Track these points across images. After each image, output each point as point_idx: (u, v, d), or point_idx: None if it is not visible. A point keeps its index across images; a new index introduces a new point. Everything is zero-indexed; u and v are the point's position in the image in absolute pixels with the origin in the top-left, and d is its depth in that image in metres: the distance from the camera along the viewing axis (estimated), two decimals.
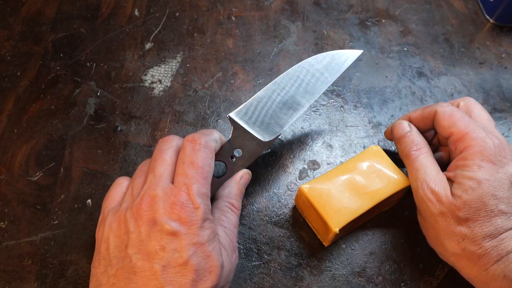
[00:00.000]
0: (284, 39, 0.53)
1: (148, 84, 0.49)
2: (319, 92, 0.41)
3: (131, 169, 0.43)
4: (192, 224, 0.29)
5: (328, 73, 0.41)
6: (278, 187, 0.42)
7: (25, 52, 0.51)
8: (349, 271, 0.38)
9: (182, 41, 0.53)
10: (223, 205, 0.35)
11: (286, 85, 0.41)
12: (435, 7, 0.57)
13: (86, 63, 0.50)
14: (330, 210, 0.36)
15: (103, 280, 0.29)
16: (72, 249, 0.38)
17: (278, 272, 0.38)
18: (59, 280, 0.37)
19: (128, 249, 0.29)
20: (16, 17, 0.54)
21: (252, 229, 0.40)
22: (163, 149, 0.33)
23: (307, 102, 0.40)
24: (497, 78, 0.51)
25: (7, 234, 0.39)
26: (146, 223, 0.29)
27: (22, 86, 0.48)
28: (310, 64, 0.41)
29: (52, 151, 0.44)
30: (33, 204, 0.40)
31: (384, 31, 0.55)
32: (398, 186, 0.38)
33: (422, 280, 0.38)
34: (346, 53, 0.42)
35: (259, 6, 0.56)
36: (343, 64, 0.42)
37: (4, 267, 0.37)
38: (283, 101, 0.40)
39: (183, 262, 0.28)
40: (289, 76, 0.41)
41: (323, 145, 0.45)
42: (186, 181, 0.30)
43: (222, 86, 0.49)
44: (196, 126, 0.46)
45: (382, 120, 0.47)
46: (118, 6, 0.55)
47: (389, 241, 0.39)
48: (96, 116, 0.46)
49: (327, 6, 0.57)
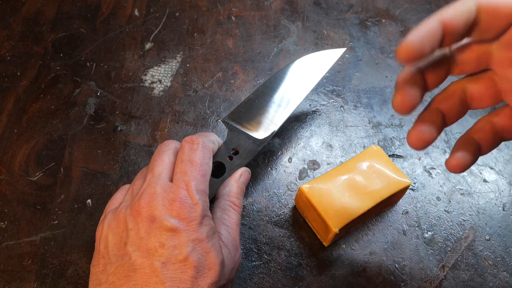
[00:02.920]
0: (284, 39, 0.53)
1: (148, 84, 0.49)
2: (307, 90, 0.43)
3: (131, 169, 0.43)
4: (191, 220, 0.29)
5: (314, 71, 0.44)
6: (278, 187, 0.42)
7: (25, 52, 0.51)
8: (349, 271, 0.38)
9: (182, 41, 0.53)
10: (224, 203, 0.35)
11: (275, 86, 0.42)
12: (435, 7, 0.57)
13: (86, 63, 0.50)
14: (330, 210, 0.36)
15: (102, 278, 0.29)
16: (72, 249, 0.38)
17: (278, 272, 0.38)
18: (59, 280, 0.37)
19: (127, 246, 0.29)
20: (16, 17, 0.54)
21: (252, 229, 0.40)
22: (161, 151, 0.34)
23: (297, 100, 0.42)
24: None
25: (7, 234, 0.39)
26: (145, 220, 0.29)
27: (22, 86, 0.48)
28: (297, 64, 0.44)
29: (52, 151, 0.44)
30: (33, 204, 0.40)
31: (384, 31, 0.55)
32: (398, 186, 0.38)
33: (422, 280, 0.38)
34: (330, 52, 0.45)
35: (259, 6, 0.56)
36: (328, 62, 0.44)
37: (4, 267, 0.37)
38: (274, 101, 0.42)
39: (183, 258, 0.28)
40: (278, 77, 0.43)
41: (323, 145, 0.45)
42: (185, 178, 0.31)
43: (222, 86, 0.49)
44: (196, 126, 0.46)
45: (382, 120, 0.47)
46: (118, 6, 0.55)
47: (389, 241, 0.39)
48: (96, 116, 0.46)
49: (327, 6, 0.57)
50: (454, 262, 0.39)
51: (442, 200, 0.42)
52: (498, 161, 0.44)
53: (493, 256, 0.39)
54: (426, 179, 0.43)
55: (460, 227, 0.40)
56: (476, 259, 0.39)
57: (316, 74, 0.44)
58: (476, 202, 0.42)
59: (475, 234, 0.40)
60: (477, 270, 0.38)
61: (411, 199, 0.42)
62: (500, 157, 0.45)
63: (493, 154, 0.45)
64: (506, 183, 0.43)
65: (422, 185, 0.43)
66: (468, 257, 0.39)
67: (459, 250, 0.39)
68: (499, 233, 0.40)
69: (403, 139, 0.46)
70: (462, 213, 0.41)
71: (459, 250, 0.39)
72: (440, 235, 0.40)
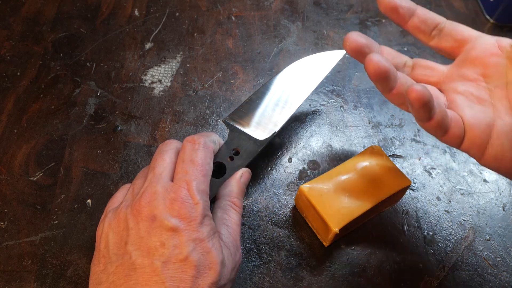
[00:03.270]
0: (284, 39, 0.53)
1: (148, 84, 0.49)
2: (308, 91, 0.43)
3: (131, 169, 0.43)
4: (192, 220, 0.29)
5: (315, 73, 0.44)
6: (278, 187, 0.42)
7: (25, 52, 0.51)
8: (349, 271, 0.38)
9: (182, 41, 0.53)
10: (225, 204, 0.35)
11: (276, 87, 0.43)
12: (435, 7, 0.57)
13: (86, 63, 0.50)
14: (330, 210, 0.36)
15: (102, 278, 0.29)
16: (72, 249, 0.38)
17: (278, 272, 0.38)
18: (59, 280, 0.37)
19: (128, 246, 0.29)
20: (16, 17, 0.54)
21: (252, 229, 0.40)
22: (162, 150, 0.33)
23: (298, 101, 0.42)
24: None
25: (7, 234, 0.39)
26: (145, 219, 0.29)
27: (22, 86, 0.48)
28: (298, 66, 0.44)
29: (52, 151, 0.44)
30: (33, 204, 0.40)
31: (384, 31, 0.55)
32: (398, 186, 0.38)
33: (422, 280, 0.38)
34: (331, 54, 0.45)
35: (259, 6, 0.57)
36: (329, 64, 0.44)
37: (4, 267, 0.37)
38: (275, 102, 0.42)
39: (183, 258, 0.28)
40: (279, 79, 0.43)
41: (323, 145, 0.45)
42: (186, 178, 0.31)
43: (222, 86, 0.49)
44: (196, 126, 0.46)
45: (382, 120, 0.47)
46: (118, 6, 0.55)
47: (389, 241, 0.39)
48: (96, 116, 0.46)
49: (327, 6, 0.57)
50: (454, 262, 0.39)
51: (442, 200, 0.42)
52: None
53: (493, 256, 0.39)
54: (426, 179, 0.43)
55: (460, 227, 0.40)
56: (476, 259, 0.39)
57: (317, 75, 0.44)
58: (476, 202, 0.42)
59: (475, 234, 0.40)
60: (477, 270, 0.38)
61: (411, 199, 0.42)
62: None
63: None
64: (506, 183, 0.43)
65: (422, 185, 0.43)
66: (468, 257, 0.39)
67: (459, 250, 0.39)
68: (499, 233, 0.40)
69: (403, 139, 0.46)
70: (462, 213, 0.41)
71: (459, 250, 0.39)
72: (440, 235, 0.40)
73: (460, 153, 0.45)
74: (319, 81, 0.43)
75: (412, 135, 0.46)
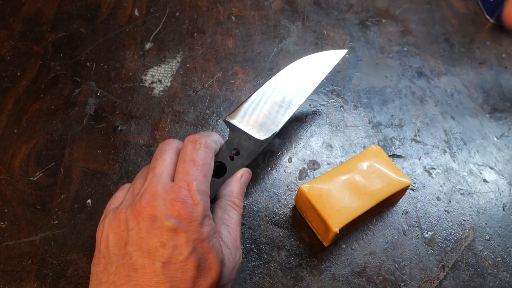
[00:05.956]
0: (284, 39, 0.53)
1: (148, 84, 0.49)
2: (309, 91, 0.43)
3: (131, 169, 0.43)
4: (192, 220, 0.29)
5: (316, 73, 0.44)
6: (278, 187, 0.42)
7: (25, 52, 0.51)
8: (349, 271, 0.38)
9: (182, 41, 0.53)
10: (225, 203, 0.35)
11: (277, 87, 0.42)
12: (435, 7, 0.57)
13: (86, 63, 0.50)
14: (330, 210, 0.36)
15: (103, 278, 0.29)
16: (72, 249, 0.38)
17: (278, 272, 0.38)
18: (59, 280, 0.37)
19: (128, 246, 0.29)
20: (16, 17, 0.54)
21: (252, 229, 0.40)
22: (163, 150, 0.33)
23: (299, 101, 0.42)
24: (497, 78, 0.51)
25: (7, 234, 0.39)
26: (146, 219, 0.29)
27: (22, 86, 0.48)
28: (299, 65, 0.44)
29: (52, 151, 0.44)
30: (33, 204, 0.40)
31: (384, 31, 0.55)
32: (398, 186, 0.38)
33: (422, 280, 0.38)
34: (332, 53, 0.45)
35: (259, 6, 0.57)
36: (329, 63, 0.44)
37: (4, 267, 0.37)
38: (275, 101, 0.42)
39: (183, 258, 0.28)
40: (280, 78, 0.43)
41: (323, 145, 0.45)
42: (187, 178, 0.30)
43: (222, 86, 0.49)
44: (196, 126, 0.46)
45: (382, 120, 0.47)
46: (118, 6, 0.55)
47: (389, 241, 0.39)
48: (96, 116, 0.46)
49: (327, 6, 0.57)
50: (454, 262, 0.39)
51: (442, 200, 0.42)
52: (498, 161, 0.44)
53: (493, 256, 0.39)
54: (426, 179, 0.43)
55: (460, 227, 0.40)
56: (476, 259, 0.39)
57: (317, 75, 0.44)
58: (476, 202, 0.42)
59: (475, 234, 0.40)
60: (477, 270, 0.38)
61: (411, 199, 0.42)
62: (500, 157, 0.45)
63: (493, 154, 0.45)
64: (506, 183, 0.43)
65: (422, 185, 0.43)
66: (468, 257, 0.39)
67: (459, 250, 0.39)
68: (499, 233, 0.40)
69: (403, 139, 0.46)
70: (462, 213, 0.41)
71: (459, 250, 0.39)
72: (440, 235, 0.40)
73: (460, 153, 0.45)
74: (319, 81, 0.43)
75: (412, 135, 0.46)
